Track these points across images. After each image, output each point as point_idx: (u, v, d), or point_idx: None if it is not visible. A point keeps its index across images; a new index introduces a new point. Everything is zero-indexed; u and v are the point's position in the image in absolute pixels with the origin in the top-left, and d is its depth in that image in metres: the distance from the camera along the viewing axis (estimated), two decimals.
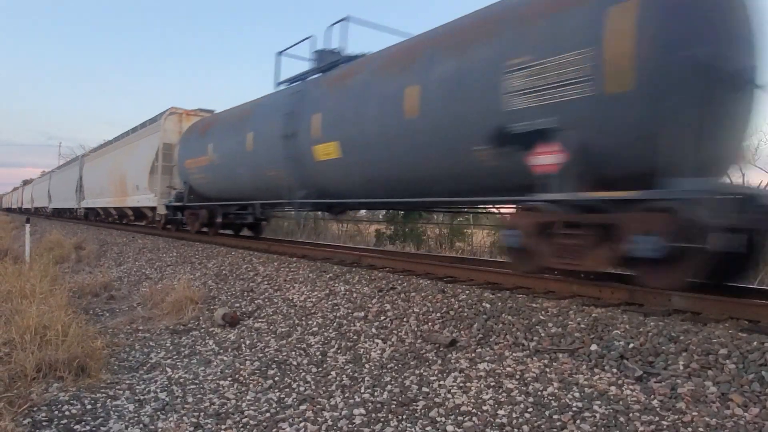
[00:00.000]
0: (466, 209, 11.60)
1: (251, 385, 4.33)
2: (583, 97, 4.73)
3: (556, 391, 3.47)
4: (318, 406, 3.80)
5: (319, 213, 12.21)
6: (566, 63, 4.82)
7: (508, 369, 3.87)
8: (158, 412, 3.85)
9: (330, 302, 6.09)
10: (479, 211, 12.94)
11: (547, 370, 3.75)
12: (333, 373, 4.39)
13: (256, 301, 6.82)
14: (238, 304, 6.84)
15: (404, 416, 3.50)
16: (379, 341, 4.85)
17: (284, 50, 9.94)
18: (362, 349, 4.77)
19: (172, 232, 14.61)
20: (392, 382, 4.02)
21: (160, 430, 3.58)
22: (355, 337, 5.05)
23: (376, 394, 3.89)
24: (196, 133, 12.64)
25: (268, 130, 9.31)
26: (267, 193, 9.92)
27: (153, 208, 15.12)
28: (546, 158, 5.05)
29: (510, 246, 5.67)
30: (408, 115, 6.43)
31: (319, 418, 3.61)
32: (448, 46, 6.26)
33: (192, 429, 3.57)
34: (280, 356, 4.92)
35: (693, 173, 4.19)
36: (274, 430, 3.50)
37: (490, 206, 8.87)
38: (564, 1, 5.06)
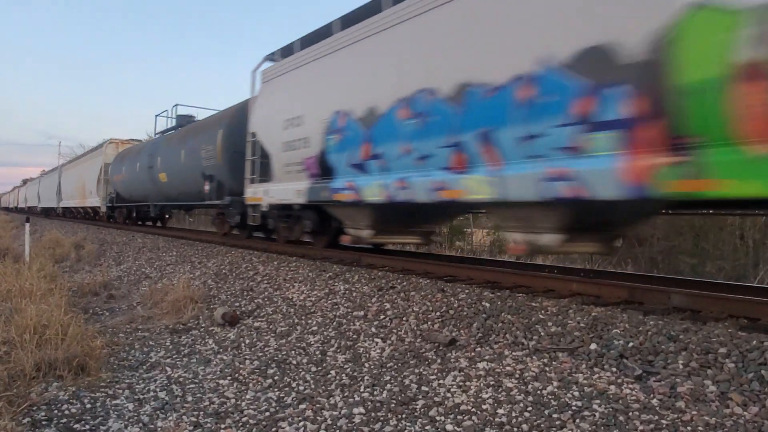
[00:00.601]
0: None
1: (251, 385, 4.33)
2: (215, 163, 11.22)
3: (556, 390, 3.47)
4: (317, 405, 3.80)
5: (174, 210, 18.35)
6: (211, 148, 11.27)
7: (508, 368, 3.87)
8: (158, 411, 3.86)
9: (329, 301, 6.09)
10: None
11: (547, 369, 3.75)
12: (332, 372, 4.39)
13: (255, 300, 6.82)
14: (237, 304, 6.84)
15: (404, 415, 3.50)
16: (379, 340, 4.85)
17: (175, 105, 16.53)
18: (362, 348, 4.77)
19: (111, 222, 21.35)
20: (392, 381, 4.02)
21: (159, 429, 3.58)
22: (354, 336, 5.05)
23: (375, 393, 3.89)
24: (118, 158, 19.41)
25: (145, 162, 15.91)
26: (151, 199, 16.45)
27: (99, 207, 21.93)
28: (208, 186, 11.57)
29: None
30: (181, 163, 13.29)
31: (318, 417, 3.61)
32: (183, 137, 13.97)
33: (191, 428, 3.57)
34: (280, 355, 4.92)
35: (230, 193, 10.68)
36: (274, 429, 3.50)
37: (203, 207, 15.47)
38: (211, 135, 11.59)
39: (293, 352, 4.97)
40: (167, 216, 19.54)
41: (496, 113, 4.92)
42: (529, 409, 3.32)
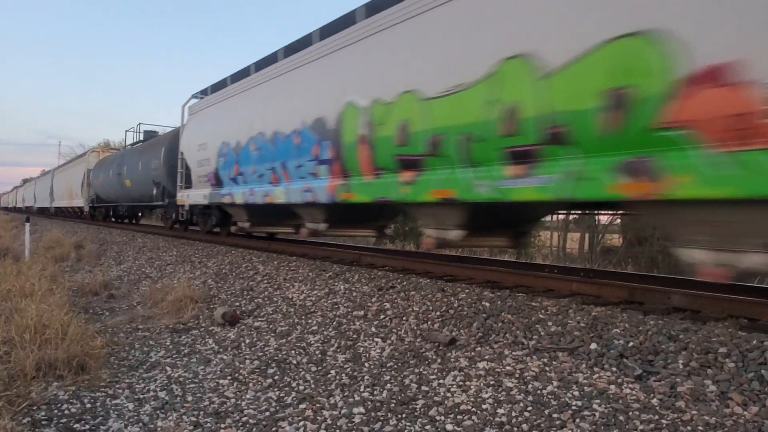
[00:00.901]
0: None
1: (251, 384, 4.33)
2: (159, 173, 14.48)
3: (556, 389, 3.47)
4: (317, 405, 3.80)
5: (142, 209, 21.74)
6: (157, 162, 14.53)
7: (508, 368, 3.87)
8: (158, 411, 3.85)
9: (329, 301, 6.09)
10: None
11: (547, 368, 3.75)
12: (332, 371, 4.39)
13: (255, 300, 6.82)
14: (237, 303, 6.84)
15: (404, 415, 3.50)
16: (379, 340, 4.85)
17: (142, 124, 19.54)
18: (362, 348, 4.77)
19: (93, 221, 24.57)
20: (392, 381, 4.02)
21: (159, 428, 3.58)
22: (354, 336, 5.05)
23: (375, 392, 3.89)
24: (98, 165, 23.13)
25: (116, 170, 19.36)
26: (121, 200, 19.87)
27: (83, 207, 25.36)
28: (155, 191, 15.09)
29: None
30: (139, 172, 16.42)
31: (318, 417, 3.61)
32: (141, 151, 17.26)
33: (191, 428, 3.57)
34: (280, 355, 4.92)
35: (169, 196, 13.90)
36: (274, 428, 3.50)
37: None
38: (157, 152, 14.82)
39: (293, 351, 4.97)
40: (140, 214, 22.99)
41: (287, 151, 8.18)
42: (529, 408, 3.32)
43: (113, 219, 23.26)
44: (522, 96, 4.52)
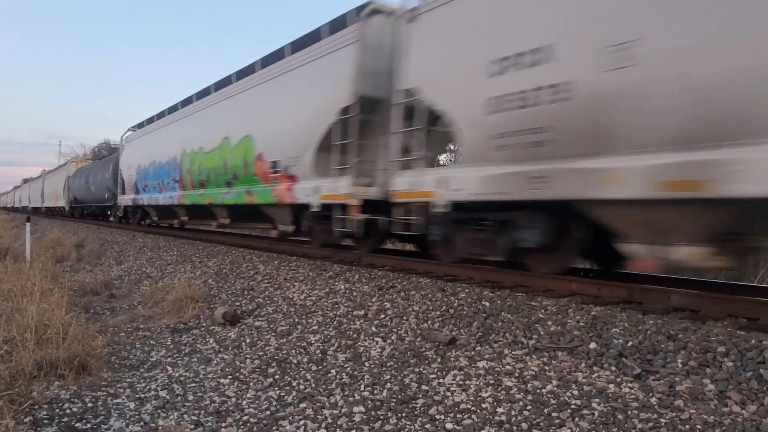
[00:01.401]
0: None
1: (251, 384, 4.34)
2: (110, 183, 21.07)
3: (555, 389, 3.49)
4: (318, 404, 3.81)
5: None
6: (108, 174, 21.08)
7: (508, 367, 3.88)
8: (159, 410, 3.87)
9: (330, 301, 6.11)
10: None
11: (546, 368, 3.77)
12: (333, 371, 4.40)
13: (256, 300, 6.83)
14: (238, 303, 6.86)
15: (404, 414, 3.52)
16: (379, 339, 4.87)
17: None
18: (362, 348, 4.78)
19: (73, 218, 29.31)
20: (392, 380, 4.04)
21: (160, 428, 3.59)
22: (355, 336, 5.06)
23: (375, 392, 3.91)
24: (75, 174, 29.06)
25: (84, 178, 25.59)
26: (89, 202, 25.60)
27: (64, 207, 31.21)
28: (107, 195, 21.77)
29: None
30: (98, 180, 23.10)
31: (319, 416, 3.62)
32: (101, 165, 24.42)
33: (192, 427, 3.58)
34: (281, 354, 4.93)
35: (115, 199, 21.44)
36: (275, 428, 3.52)
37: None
38: (107, 166, 22.01)
39: (294, 351, 4.98)
40: (108, 212, 26.35)
41: (164, 173, 14.95)
42: (529, 407, 3.34)
43: (86, 214, 28.59)
44: (224, 157, 11.36)
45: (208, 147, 12.11)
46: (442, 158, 11.23)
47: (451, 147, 10.10)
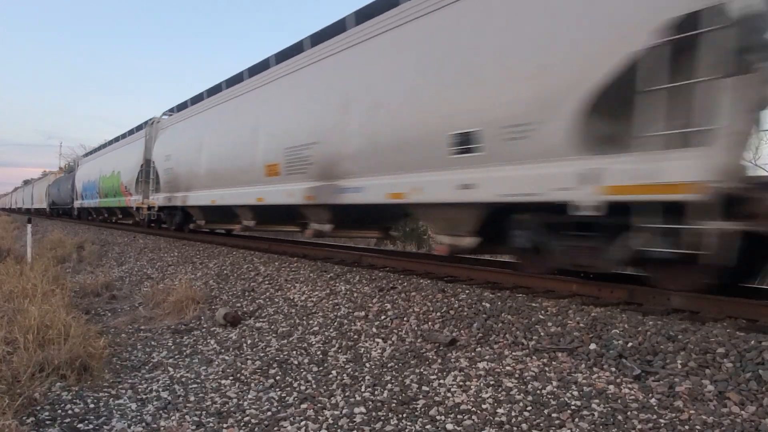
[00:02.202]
0: None
1: (253, 384, 4.35)
2: (71, 191, 29.47)
3: (555, 389, 3.50)
4: (319, 405, 3.83)
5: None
6: (69, 185, 30.25)
7: (508, 368, 3.90)
8: (160, 411, 3.88)
9: (331, 302, 6.12)
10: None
11: (546, 369, 3.78)
12: (334, 372, 4.41)
13: (257, 301, 6.85)
14: (239, 304, 6.87)
15: (404, 415, 3.53)
16: (380, 340, 4.88)
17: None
18: (363, 349, 4.80)
19: (52, 217, 35.29)
20: (392, 381, 4.05)
21: (162, 428, 3.61)
22: (355, 337, 5.08)
23: (376, 392, 3.92)
24: (53, 183, 36.61)
25: (57, 186, 34.23)
26: (61, 204, 32.82)
27: (45, 209, 37.52)
28: (69, 198, 30.73)
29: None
30: (66, 188, 31.02)
31: (320, 417, 3.64)
32: (65, 176, 34.26)
33: (194, 428, 3.60)
34: (282, 355, 4.95)
35: (73, 202, 31.06)
36: (276, 428, 3.53)
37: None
38: (69, 178, 31.27)
39: (295, 352, 5.00)
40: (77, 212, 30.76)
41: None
42: (529, 408, 3.35)
43: (61, 213, 34.50)
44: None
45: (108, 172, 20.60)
46: None
47: None
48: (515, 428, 3.18)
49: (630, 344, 3.79)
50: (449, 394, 3.70)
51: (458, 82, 5.76)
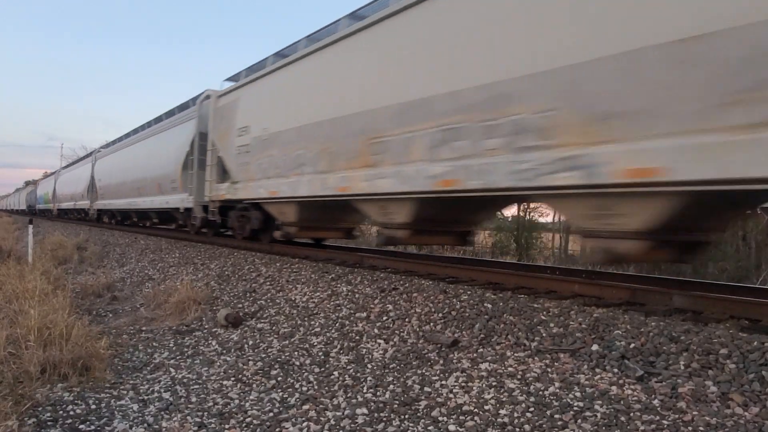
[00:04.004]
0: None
1: (254, 385, 4.35)
2: (51, 195, 37.79)
3: (558, 390, 3.49)
4: (321, 406, 3.82)
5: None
6: (36, 194, 46.12)
7: (510, 369, 3.89)
8: (162, 412, 3.88)
9: (332, 303, 6.12)
10: None
11: (549, 369, 3.77)
12: (336, 373, 4.41)
13: (258, 302, 6.84)
14: (240, 305, 6.87)
15: (406, 416, 3.53)
16: (382, 341, 4.87)
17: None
18: (364, 350, 4.79)
19: (33, 215, 37.16)
20: (394, 382, 4.05)
21: (164, 429, 3.61)
22: (357, 338, 5.07)
23: (378, 393, 3.92)
24: (31, 191, 48.74)
25: (35, 192, 45.63)
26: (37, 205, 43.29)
27: (25, 209, 48.02)
28: (52, 201, 37.87)
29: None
30: (40, 194, 42.69)
31: (322, 418, 3.63)
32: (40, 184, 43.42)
33: (196, 429, 3.60)
34: (283, 356, 4.94)
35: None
36: (278, 429, 3.53)
37: None
38: (36, 189, 46.26)
39: (296, 353, 4.99)
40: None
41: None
42: (531, 409, 3.34)
43: (36, 214, 39.93)
44: None
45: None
46: None
47: None
48: (518, 429, 3.18)
49: (632, 345, 3.78)
50: (451, 395, 3.69)
51: None
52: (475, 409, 3.46)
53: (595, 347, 3.89)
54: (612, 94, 4.16)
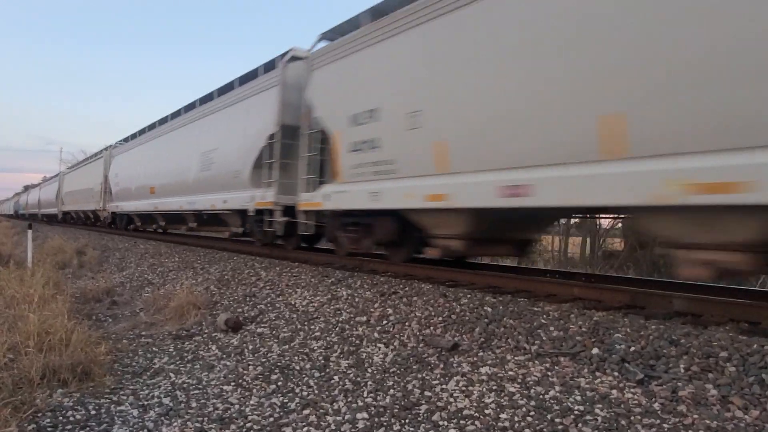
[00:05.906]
0: None
1: (254, 390, 4.35)
2: (37, 200, 44.43)
3: (558, 394, 3.49)
4: (321, 411, 3.82)
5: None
6: (27, 201, 50.93)
7: (510, 373, 3.89)
8: (162, 418, 3.87)
9: (332, 307, 6.11)
10: None
11: (549, 373, 3.77)
12: (336, 377, 4.41)
13: (258, 306, 6.84)
14: (240, 309, 6.86)
15: (407, 420, 3.52)
16: (382, 345, 4.87)
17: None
18: (365, 354, 4.79)
19: (20, 218, 44.64)
20: (395, 386, 4.04)
21: None
22: (357, 342, 5.07)
23: (378, 398, 3.91)
24: (21, 197, 58.41)
25: (27, 196, 50.65)
26: (32, 209, 45.87)
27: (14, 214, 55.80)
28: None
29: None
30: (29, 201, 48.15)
31: (322, 423, 3.63)
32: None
33: None
34: (283, 361, 4.94)
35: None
36: None
37: None
38: (26, 195, 53.64)
39: (296, 357, 4.99)
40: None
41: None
42: (532, 413, 3.34)
43: (23, 217, 42.94)
44: None
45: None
46: None
47: None
48: None
49: (632, 348, 3.79)
50: (452, 399, 3.69)
51: None
52: (476, 414, 3.46)
53: (595, 351, 3.89)
54: None
